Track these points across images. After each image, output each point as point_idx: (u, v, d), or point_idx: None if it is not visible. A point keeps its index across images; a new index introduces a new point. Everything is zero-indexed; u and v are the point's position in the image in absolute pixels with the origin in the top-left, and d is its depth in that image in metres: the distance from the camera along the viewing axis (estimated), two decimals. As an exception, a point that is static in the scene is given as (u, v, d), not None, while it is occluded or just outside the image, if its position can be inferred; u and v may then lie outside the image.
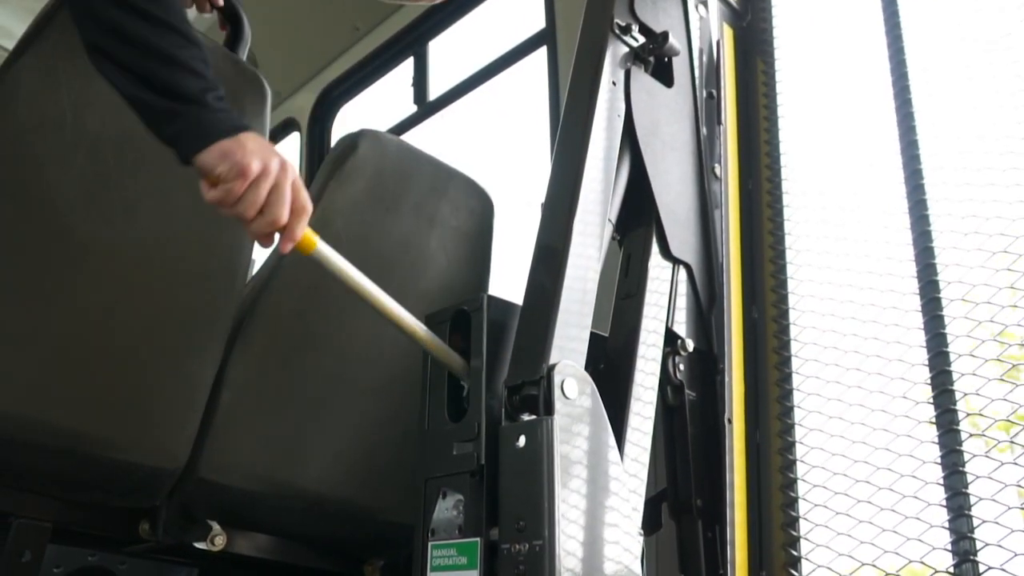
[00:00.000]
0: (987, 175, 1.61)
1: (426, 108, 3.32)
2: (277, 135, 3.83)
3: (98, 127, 1.46)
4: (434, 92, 3.32)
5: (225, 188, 1.21)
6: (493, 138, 3.45)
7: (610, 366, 1.41)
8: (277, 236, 1.27)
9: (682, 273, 1.55)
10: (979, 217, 1.59)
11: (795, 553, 1.60)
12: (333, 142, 3.62)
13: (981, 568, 1.40)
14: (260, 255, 1.75)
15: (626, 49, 1.54)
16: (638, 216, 1.53)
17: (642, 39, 1.57)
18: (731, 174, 1.78)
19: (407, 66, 3.45)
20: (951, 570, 1.43)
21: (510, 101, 3.14)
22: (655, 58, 1.61)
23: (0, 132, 1.38)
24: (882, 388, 1.60)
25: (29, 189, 1.40)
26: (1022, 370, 1.46)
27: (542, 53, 2.77)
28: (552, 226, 1.38)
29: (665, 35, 1.57)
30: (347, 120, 3.73)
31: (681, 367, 1.51)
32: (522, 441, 1.18)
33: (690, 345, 1.51)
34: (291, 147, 3.87)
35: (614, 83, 1.50)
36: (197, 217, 1.55)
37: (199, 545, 1.59)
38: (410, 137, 3.27)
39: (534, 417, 1.19)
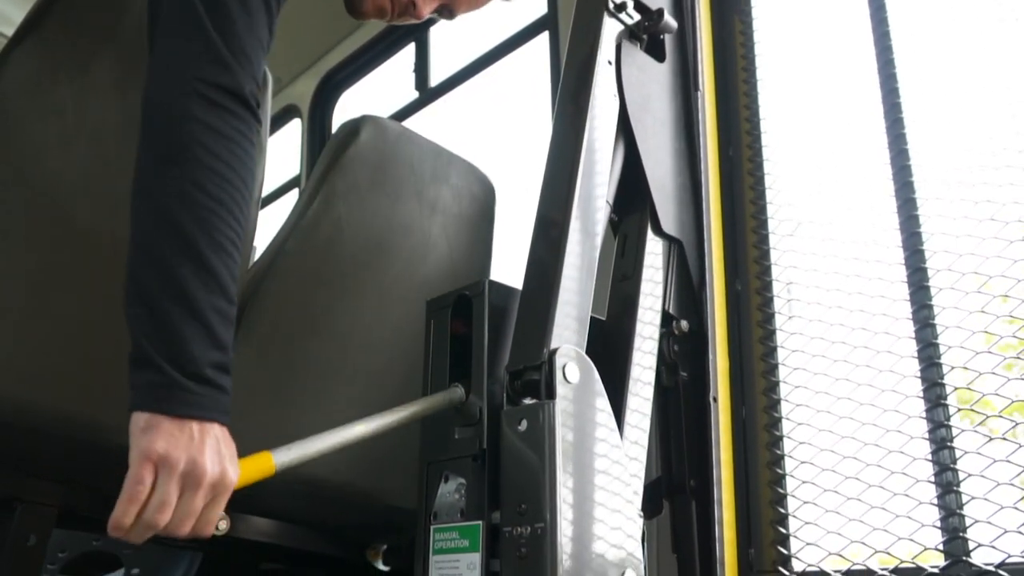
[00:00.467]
0: (973, 140, 1.59)
1: (427, 94, 3.31)
2: (278, 122, 3.83)
3: (99, 114, 1.45)
4: (435, 78, 3.31)
5: (132, 473, 1.09)
6: (494, 124, 3.44)
7: (608, 349, 1.40)
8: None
9: (674, 250, 1.54)
10: (966, 184, 1.57)
11: (783, 530, 1.59)
12: (334, 129, 3.62)
13: (971, 545, 1.39)
14: (261, 242, 1.75)
15: (621, 27, 1.53)
16: (634, 196, 1.51)
17: (637, 16, 1.56)
18: (710, 141, 1.73)
19: (408, 52, 3.44)
20: (940, 547, 1.42)
21: (512, 87, 3.13)
22: (649, 35, 1.59)
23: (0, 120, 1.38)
24: (869, 362, 1.59)
25: (30, 177, 1.39)
26: (1011, 343, 1.44)
27: (544, 39, 2.76)
28: (551, 208, 1.37)
29: (660, 12, 1.56)
30: (348, 107, 3.72)
31: (675, 347, 1.50)
32: (524, 425, 1.17)
33: (685, 325, 1.51)
34: (292, 134, 3.87)
35: (609, 62, 1.49)
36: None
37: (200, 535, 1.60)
38: (411, 124, 3.27)
39: (535, 401, 1.18)
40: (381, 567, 1.88)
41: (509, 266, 1.97)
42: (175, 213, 1.12)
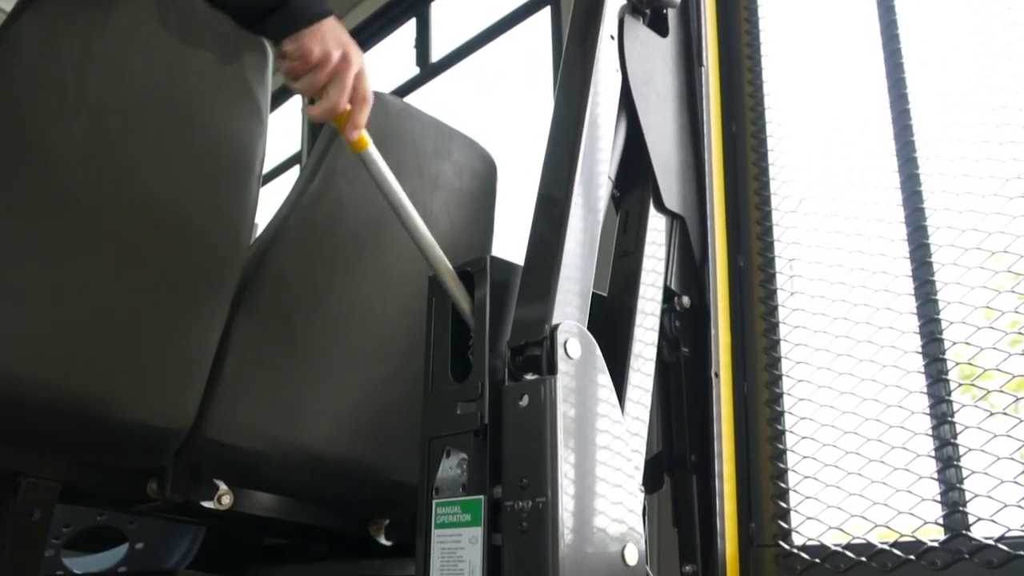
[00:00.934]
0: (977, 115, 1.57)
1: (428, 70, 3.29)
2: (279, 98, 3.81)
3: (100, 89, 1.44)
4: (436, 54, 3.29)
5: (290, 65, 1.39)
6: (496, 100, 3.43)
7: (610, 325, 1.40)
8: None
9: (676, 226, 1.53)
10: (968, 159, 1.56)
11: (784, 504, 1.59)
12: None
13: (970, 519, 1.40)
14: (262, 219, 1.75)
15: (624, 1, 1.51)
16: (636, 172, 1.50)
17: None
18: (713, 117, 1.71)
19: (409, 28, 3.42)
20: (940, 521, 1.42)
21: (513, 63, 3.11)
22: (652, 10, 1.58)
23: (0, 94, 1.37)
24: (870, 338, 1.58)
25: (30, 151, 1.38)
26: (1013, 318, 1.44)
27: (546, 14, 2.74)
28: (552, 184, 1.36)
29: None
30: (349, 83, 3.69)
31: (677, 323, 1.50)
32: (525, 400, 1.17)
33: (687, 301, 1.50)
34: (293, 111, 3.85)
35: (612, 37, 1.48)
36: (200, 181, 1.54)
37: (206, 504, 1.60)
38: (412, 100, 3.25)
39: (537, 377, 1.18)
40: (383, 541, 1.89)
41: (511, 242, 1.96)
42: None
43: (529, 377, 1.20)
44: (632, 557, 1.17)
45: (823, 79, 1.86)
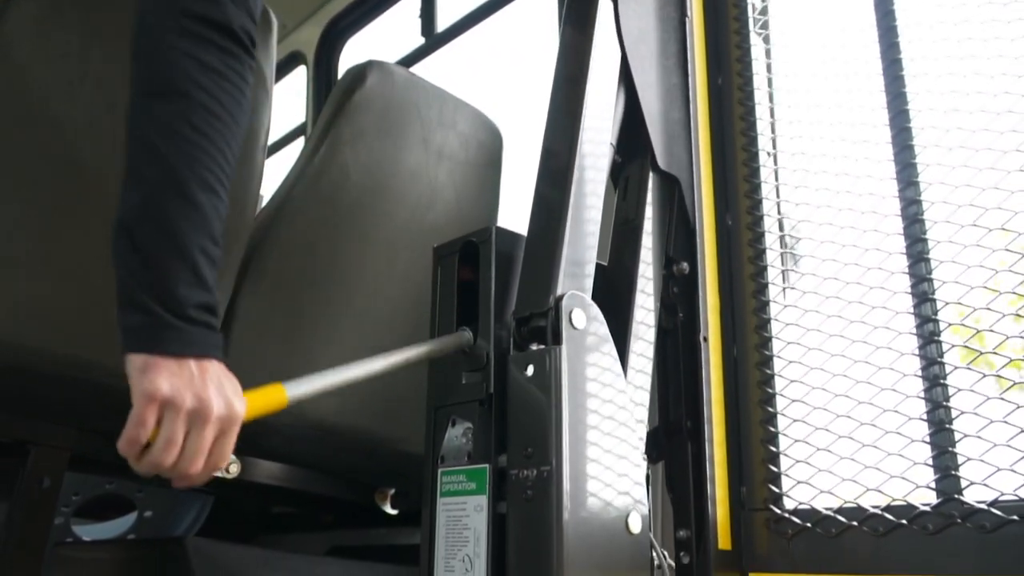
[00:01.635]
0: (971, 63, 1.52)
1: (434, 40, 3.25)
2: (283, 69, 3.76)
3: (105, 58, 1.41)
4: (442, 24, 3.24)
5: (134, 414, 1.03)
6: (502, 70, 3.38)
7: (611, 294, 1.37)
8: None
9: (676, 191, 1.49)
10: (962, 111, 1.50)
11: (775, 469, 1.57)
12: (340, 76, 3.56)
13: (963, 483, 1.38)
14: (267, 189, 1.73)
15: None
16: (636, 138, 1.46)
17: None
18: (699, 70, 1.63)
19: (414, -4, 3.37)
20: (932, 485, 1.40)
21: (519, 33, 3.07)
22: None
23: (5, 63, 1.34)
24: (861, 298, 1.55)
25: (37, 120, 1.36)
26: (1005, 279, 1.41)
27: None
28: (555, 152, 1.33)
29: None
30: (354, 53, 3.66)
31: (675, 289, 1.48)
32: (530, 370, 1.15)
33: (686, 267, 1.47)
34: (298, 81, 3.81)
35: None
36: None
37: (214, 473, 1.60)
38: (418, 70, 3.21)
39: (542, 347, 1.16)
40: (389, 510, 1.89)
41: (517, 212, 1.94)
42: (161, 147, 1.08)
43: (534, 347, 1.18)
44: (636, 525, 1.16)
45: (813, 27, 1.77)
